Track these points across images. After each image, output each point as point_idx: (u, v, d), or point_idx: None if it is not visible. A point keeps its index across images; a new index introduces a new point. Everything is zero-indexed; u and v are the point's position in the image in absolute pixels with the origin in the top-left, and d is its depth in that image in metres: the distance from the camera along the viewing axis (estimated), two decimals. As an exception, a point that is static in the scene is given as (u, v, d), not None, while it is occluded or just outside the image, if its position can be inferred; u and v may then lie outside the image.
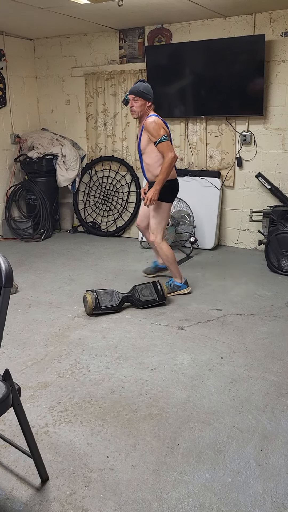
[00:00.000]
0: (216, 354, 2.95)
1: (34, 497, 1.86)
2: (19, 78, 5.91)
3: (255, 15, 4.64)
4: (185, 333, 3.24)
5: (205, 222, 5.20)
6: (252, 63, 4.64)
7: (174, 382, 2.64)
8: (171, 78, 5.13)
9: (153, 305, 3.66)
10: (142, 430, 2.23)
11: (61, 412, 2.37)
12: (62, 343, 3.11)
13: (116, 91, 5.55)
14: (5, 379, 1.65)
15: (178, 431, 2.23)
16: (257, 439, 2.17)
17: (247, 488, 1.89)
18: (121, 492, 1.87)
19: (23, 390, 2.52)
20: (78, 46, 5.71)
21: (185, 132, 5.29)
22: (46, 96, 6.13)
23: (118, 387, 2.59)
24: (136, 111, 3.61)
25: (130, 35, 5.37)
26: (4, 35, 5.57)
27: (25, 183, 5.81)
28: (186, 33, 5.04)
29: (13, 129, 5.91)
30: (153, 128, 3.53)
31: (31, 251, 5.27)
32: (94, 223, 6.02)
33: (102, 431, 2.23)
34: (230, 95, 4.89)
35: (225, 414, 2.35)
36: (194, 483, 1.91)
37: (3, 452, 2.11)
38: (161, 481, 1.93)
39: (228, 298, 3.84)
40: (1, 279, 1.64)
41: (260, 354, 2.95)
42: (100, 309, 3.50)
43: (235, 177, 5.17)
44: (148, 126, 3.54)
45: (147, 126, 3.54)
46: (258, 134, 4.94)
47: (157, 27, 5.18)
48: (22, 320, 3.48)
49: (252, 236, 5.21)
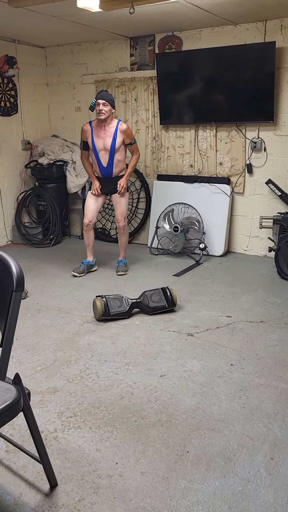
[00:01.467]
0: (225, 361, 2.93)
1: (43, 503, 1.85)
2: (30, 85, 5.97)
3: (266, 22, 4.65)
4: (194, 340, 3.22)
5: (215, 229, 5.20)
6: (262, 70, 4.65)
7: (184, 388, 2.63)
8: (181, 85, 5.15)
9: (162, 311, 3.65)
10: (151, 437, 2.22)
11: (70, 418, 2.37)
12: (71, 349, 3.11)
13: (126, 98, 5.58)
14: (16, 383, 1.65)
15: (187, 438, 2.21)
16: (267, 448, 2.15)
17: (257, 497, 1.86)
18: (130, 499, 1.86)
19: (33, 395, 2.53)
20: (89, 53, 5.76)
21: (195, 138, 5.30)
22: (57, 103, 6.18)
23: (127, 393, 2.58)
24: (106, 114, 4.23)
25: (140, 43, 5.40)
26: (16, 43, 5.64)
27: (36, 189, 5.84)
28: (197, 40, 5.06)
29: (24, 136, 5.96)
30: (130, 131, 4.41)
31: (40, 256, 5.30)
32: (104, 229, 6.03)
33: (111, 437, 2.22)
34: (240, 102, 4.89)
35: (235, 422, 2.33)
36: (204, 491, 1.90)
37: (12, 457, 2.11)
38: (171, 488, 1.91)
39: (238, 305, 3.82)
40: (12, 284, 1.65)
41: (270, 361, 2.92)
42: (109, 314, 3.50)
43: (245, 184, 5.16)
44: (127, 130, 4.35)
45: (126, 130, 4.34)
46: (268, 140, 4.93)
47: (168, 34, 5.21)
48: (31, 325, 3.49)
49: (262, 243, 5.19)
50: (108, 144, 4.33)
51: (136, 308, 3.66)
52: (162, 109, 5.32)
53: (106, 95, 4.24)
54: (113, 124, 4.32)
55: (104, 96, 4.22)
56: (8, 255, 1.75)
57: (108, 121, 4.30)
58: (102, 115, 4.23)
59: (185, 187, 5.34)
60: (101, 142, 4.35)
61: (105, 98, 4.21)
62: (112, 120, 4.34)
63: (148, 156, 5.62)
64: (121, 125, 4.33)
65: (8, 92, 5.65)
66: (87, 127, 4.41)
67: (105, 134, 4.33)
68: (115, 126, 4.32)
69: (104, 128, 4.32)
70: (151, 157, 5.61)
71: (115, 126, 4.32)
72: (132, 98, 5.54)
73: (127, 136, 4.36)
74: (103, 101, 4.20)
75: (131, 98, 5.55)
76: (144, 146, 5.60)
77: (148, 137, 5.57)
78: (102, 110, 4.21)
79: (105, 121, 4.28)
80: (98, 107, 4.21)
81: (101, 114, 4.23)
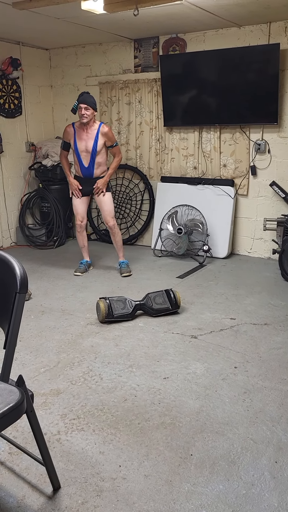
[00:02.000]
0: (229, 363, 2.92)
1: (46, 505, 1.84)
2: (34, 87, 5.98)
3: (270, 24, 4.65)
4: (198, 342, 3.21)
5: (219, 231, 5.18)
6: (266, 72, 4.64)
7: (187, 391, 2.61)
8: (185, 87, 5.15)
9: (166, 313, 3.64)
10: (155, 440, 2.21)
11: (73, 420, 2.36)
12: (75, 351, 3.10)
13: (130, 100, 5.58)
14: (19, 385, 1.65)
15: (191, 441, 2.20)
16: (271, 451, 2.13)
17: (261, 501, 1.85)
18: (134, 502, 1.85)
19: (36, 397, 2.52)
20: (93, 55, 5.77)
21: (199, 140, 5.29)
22: (61, 105, 6.19)
23: (130, 396, 2.57)
24: (88, 117, 4.28)
25: (145, 45, 5.41)
26: (21, 45, 5.65)
27: (39, 190, 5.85)
28: (201, 42, 5.06)
29: (28, 138, 5.97)
30: (112, 134, 4.48)
31: (44, 258, 5.30)
32: (107, 231, 6.02)
33: (114, 439, 2.22)
34: (244, 103, 4.88)
35: (239, 425, 2.32)
36: (208, 495, 1.88)
37: (15, 459, 2.10)
38: (174, 492, 1.90)
39: (242, 307, 3.81)
40: (16, 285, 1.64)
41: (275, 364, 2.91)
42: (113, 316, 3.50)
43: (249, 186, 5.15)
44: (108, 132, 4.40)
45: (107, 132, 4.39)
46: (273, 142, 4.92)
47: (172, 36, 5.21)
48: (35, 327, 3.49)
49: (266, 245, 5.17)
50: (90, 146, 4.39)
51: (140, 310, 3.65)
52: (166, 111, 5.32)
53: (88, 98, 4.26)
54: (95, 127, 4.38)
55: (86, 100, 4.24)
56: (11, 256, 1.75)
57: (91, 123, 4.35)
58: (84, 119, 4.27)
59: (189, 189, 5.34)
60: (83, 144, 4.40)
61: (87, 102, 4.23)
62: (94, 123, 4.39)
63: (152, 158, 5.62)
64: (102, 128, 4.38)
65: (13, 94, 5.66)
66: (70, 129, 4.44)
67: (87, 136, 4.39)
68: (97, 128, 4.38)
69: (86, 130, 4.37)
70: (155, 159, 5.61)
71: (97, 128, 4.38)
72: (136, 100, 5.55)
73: (109, 138, 4.41)
74: (85, 105, 4.23)
75: (135, 100, 5.55)
76: (148, 148, 5.60)
77: (152, 139, 5.57)
78: (84, 114, 4.25)
79: (87, 123, 4.33)
80: (80, 111, 4.25)
81: (83, 118, 4.27)
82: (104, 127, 4.38)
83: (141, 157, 5.69)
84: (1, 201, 5.71)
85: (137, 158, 5.72)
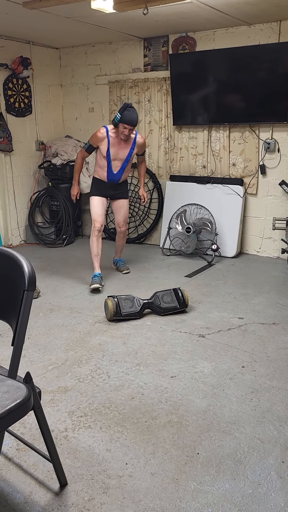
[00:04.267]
0: (237, 363, 2.91)
1: (53, 501, 1.86)
2: (44, 86, 6.01)
3: (280, 22, 4.62)
4: (206, 341, 3.21)
5: (227, 230, 5.17)
6: (276, 71, 4.62)
7: (194, 390, 2.62)
8: (195, 86, 5.14)
9: (174, 312, 3.64)
10: (162, 438, 2.22)
11: (80, 417, 2.38)
12: (83, 348, 3.12)
13: (140, 99, 5.59)
14: (26, 381, 1.66)
15: (198, 439, 2.20)
16: (278, 451, 2.13)
17: (268, 501, 1.85)
18: (140, 499, 1.86)
19: (44, 394, 2.54)
20: (103, 54, 5.78)
21: (208, 139, 5.28)
22: (70, 104, 6.22)
23: (137, 394, 2.58)
24: (128, 137, 4.17)
25: (154, 44, 5.41)
26: (31, 44, 5.68)
27: (49, 189, 5.88)
28: (211, 41, 5.05)
29: (38, 136, 6.00)
30: (145, 144, 4.50)
31: (53, 256, 5.32)
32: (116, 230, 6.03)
33: (121, 437, 2.22)
34: (254, 102, 4.86)
35: (246, 424, 2.31)
36: (214, 494, 1.89)
37: (22, 455, 2.12)
38: (180, 490, 1.91)
39: (250, 306, 3.80)
40: (24, 283, 1.65)
41: (283, 364, 2.90)
42: (121, 315, 3.51)
43: (258, 185, 5.13)
44: (143, 144, 4.37)
45: (143, 144, 4.36)
46: (282, 141, 4.89)
47: (182, 35, 5.20)
48: (43, 324, 3.51)
49: (275, 244, 5.15)
50: (125, 155, 4.24)
51: (148, 309, 3.65)
52: (175, 109, 5.31)
53: (136, 119, 4.04)
54: (132, 137, 4.22)
55: (134, 122, 4.04)
56: (20, 254, 1.76)
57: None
58: (125, 138, 4.13)
59: (197, 188, 5.33)
60: (118, 153, 4.21)
61: (135, 124, 4.05)
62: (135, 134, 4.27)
63: (161, 156, 5.62)
64: (139, 139, 4.28)
65: (23, 93, 5.69)
66: (103, 136, 4.15)
67: (124, 146, 4.21)
68: (133, 139, 4.24)
69: (123, 140, 4.18)
70: (164, 158, 5.61)
71: (133, 138, 4.24)
72: (146, 99, 5.55)
73: (142, 148, 4.37)
74: (132, 127, 4.05)
75: (144, 99, 5.56)
76: (157, 147, 5.60)
77: (161, 138, 5.56)
78: (127, 135, 4.09)
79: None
80: (125, 131, 4.04)
81: (124, 137, 4.11)
82: (140, 139, 4.29)
83: (150, 156, 5.69)
84: (11, 200, 5.75)
85: (146, 157, 5.71)
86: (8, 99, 5.52)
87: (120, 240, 4.71)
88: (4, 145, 5.47)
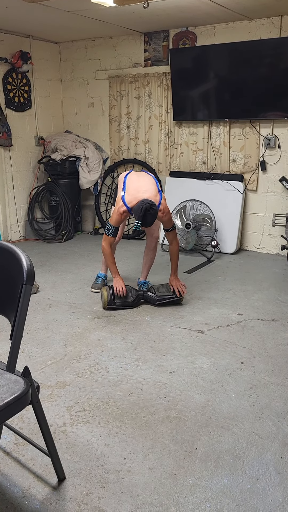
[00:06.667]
0: (236, 359, 2.91)
1: (51, 496, 1.85)
2: (44, 81, 5.98)
3: (282, 17, 4.60)
4: (205, 337, 3.20)
5: (227, 226, 5.16)
6: (277, 66, 4.60)
7: (193, 385, 2.61)
8: (195, 81, 5.12)
9: (171, 304, 3.68)
10: (160, 433, 2.21)
11: (79, 412, 2.37)
12: (82, 344, 3.11)
13: (140, 94, 5.56)
14: (25, 375, 1.65)
15: (196, 435, 2.20)
16: (277, 446, 2.13)
17: (266, 496, 1.85)
18: (138, 494, 1.86)
19: (42, 389, 2.54)
20: (103, 49, 5.75)
21: (209, 135, 5.27)
22: (70, 99, 6.19)
23: (136, 389, 2.57)
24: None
25: (155, 38, 5.38)
26: (31, 38, 5.65)
27: (48, 184, 5.86)
28: (211, 36, 5.02)
29: (38, 131, 5.97)
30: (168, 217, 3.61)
31: (52, 252, 5.32)
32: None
33: (119, 432, 2.22)
34: (254, 98, 4.84)
35: (245, 420, 2.31)
36: (212, 489, 1.88)
37: (21, 449, 2.11)
38: (178, 485, 1.90)
39: (249, 303, 3.79)
40: (22, 277, 1.65)
41: (282, 360, 2.89)
42: (114, 303, 3.55)
43: (258, 181, 5.11)
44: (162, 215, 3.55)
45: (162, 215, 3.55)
46: (283, 137, 4.88)
47: (182, 30, 5.17)
48: (42, 319, 3.50)
49: (274, 241, 5.14)
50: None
51: (142, 299, 3.68)
52: (175, 105, 5.29)
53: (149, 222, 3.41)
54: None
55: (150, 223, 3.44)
56: (18, 248, 1.75)
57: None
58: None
59: (197, 184, 5.32)
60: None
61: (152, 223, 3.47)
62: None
63: (161, 152, 5.60)
64: (160, 212, 3.51)
65: (22, 88, 5.67)
66: (125, 211, 3.51)
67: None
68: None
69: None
70: (164, 154, 5.59)
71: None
72: (146, 94, 5.52)
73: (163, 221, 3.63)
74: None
75: (144, 94, 5.53)
76: (157, 142, 5.58)
77: (161, 134, 5.55)
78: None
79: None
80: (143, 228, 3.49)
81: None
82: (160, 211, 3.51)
83: (150, 151, 5.67)
84: (10, 195, 5.73)
85: (146, 152, 5.70)
86: (8, 94, 5.49)
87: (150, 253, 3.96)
88: (3, 140, 5.45)
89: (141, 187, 3.53)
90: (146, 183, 3.58)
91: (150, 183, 3.60)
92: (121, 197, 3.52)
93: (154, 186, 3.59)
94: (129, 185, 3.56)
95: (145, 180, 3.63)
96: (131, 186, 3.55)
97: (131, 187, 3.54)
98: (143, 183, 3.59)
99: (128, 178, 3.63)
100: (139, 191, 3.49)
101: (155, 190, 3.55)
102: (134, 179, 3.63)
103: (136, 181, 3.61)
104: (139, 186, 3.54)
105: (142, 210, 3.33)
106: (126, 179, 3.62)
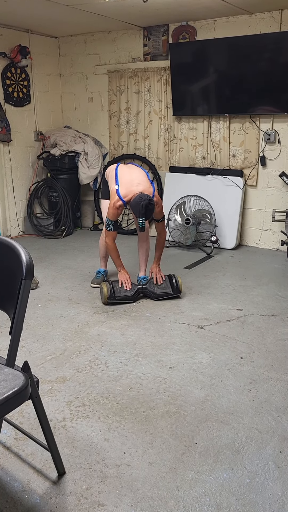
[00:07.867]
0: (235, 354, 2.91)
1: (51, 490, 1.86)
2: (43, 75, 5.96)
3: (282, 11, 4.57)
4: (204, 332, 3.21)
5: (227, 222, 5.15)
6: (277, 61, 4.57)
7: (193, 380, 2.62)
8: (195, 76, 5.09)
9: (169, 298, 3.70)
10: (160, 428, 2.22)
11: (79, 407, 2.38)
12: (81, 339, 3.12)
13: (139, 89, 5.54)
14: (24, 370, 1.65)
15: (196, 429, 2.20)
16: (276, 441, 2.13)
17: (265, 490, 1.85)
18: (137, 488, 1.86)
19: (42, 384, 2.54)
20: (102, 43, 5.72)
21: (208, 130, 5.25)
22: (69, 94, 6.17)
23: (136, 384, 2.58)
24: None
25: (154, 33, 5.35)
26: (30, 33, 5.62)
27: (48, 180, 5.85)
28: (211, 30, 5.00)
29: (37, 127, 5.96)
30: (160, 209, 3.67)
31: (52, 247, 5.31)
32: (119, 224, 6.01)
33: (119, 427, 2.23)
34: (254, 93, 4.82)
35: (244, 415, 2.32)
36: (212, 483, 1.89)
37: (21, 444, 2.12)
38: (178, 479, 1.91)
39: (249, 298, 3.79)
40: (22, 272, 1.64)
41: (281, 355, 2.90)
42: (114, 298, 3.56)
43: (258, 176, 5.10)
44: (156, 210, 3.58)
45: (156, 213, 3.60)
46: (283, 132, 4.86)
47: (182, 24, 5.15)
48: (42, 315, 3.50)
49: (274, 236, 5.14)
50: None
51: (142, 294, 3.70)
52: (175, 100, 5.27)
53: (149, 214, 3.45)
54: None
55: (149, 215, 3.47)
56: (17, 243, 1.75)
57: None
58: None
59: (197, 179, 5.30)
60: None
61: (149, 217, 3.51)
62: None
63: (160, 147, 5.59)
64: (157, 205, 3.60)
65: (21, 83, 5.64)
66: (120, 205, 3.51)
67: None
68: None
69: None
70: (164, 149, 5.58)
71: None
72: (145, 89, 5.50)
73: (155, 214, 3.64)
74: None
75: (144, 89, 5.51)
76: (157, 137, 5.57)
77: (160, 129, 5.53)
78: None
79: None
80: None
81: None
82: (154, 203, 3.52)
83: (149, 146, 5.66)
84: (9, 190, 5.72)
85: (145, 147, 5.68)
86: (7, 89, 5.47)
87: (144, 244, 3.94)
88: (2, 135, 5.43)
89: (134, 180, 3.55)
90: (138, 176, 3.61)
91: (142, 175, 3.63)
92: (116, 190, 3.52)
93: (146, 177, 3.63)
94: (121, 178, 3.58)
95: (136, 172, 3.66)
96: (124, 179, 3.57)
97: (124, 180, 3.55)
98: (135, 175, 3.61)
99: (119, 171, 3.64)
100: (133, 184, 3.51)
101: (148, 182, 3.59)
102: (126, 172, 3.64)
103: (128, 173, 3.62)
104: (132, 179, 3.57)
105: (143, 207, 3.36)
106: (118, 171, 3.63)
